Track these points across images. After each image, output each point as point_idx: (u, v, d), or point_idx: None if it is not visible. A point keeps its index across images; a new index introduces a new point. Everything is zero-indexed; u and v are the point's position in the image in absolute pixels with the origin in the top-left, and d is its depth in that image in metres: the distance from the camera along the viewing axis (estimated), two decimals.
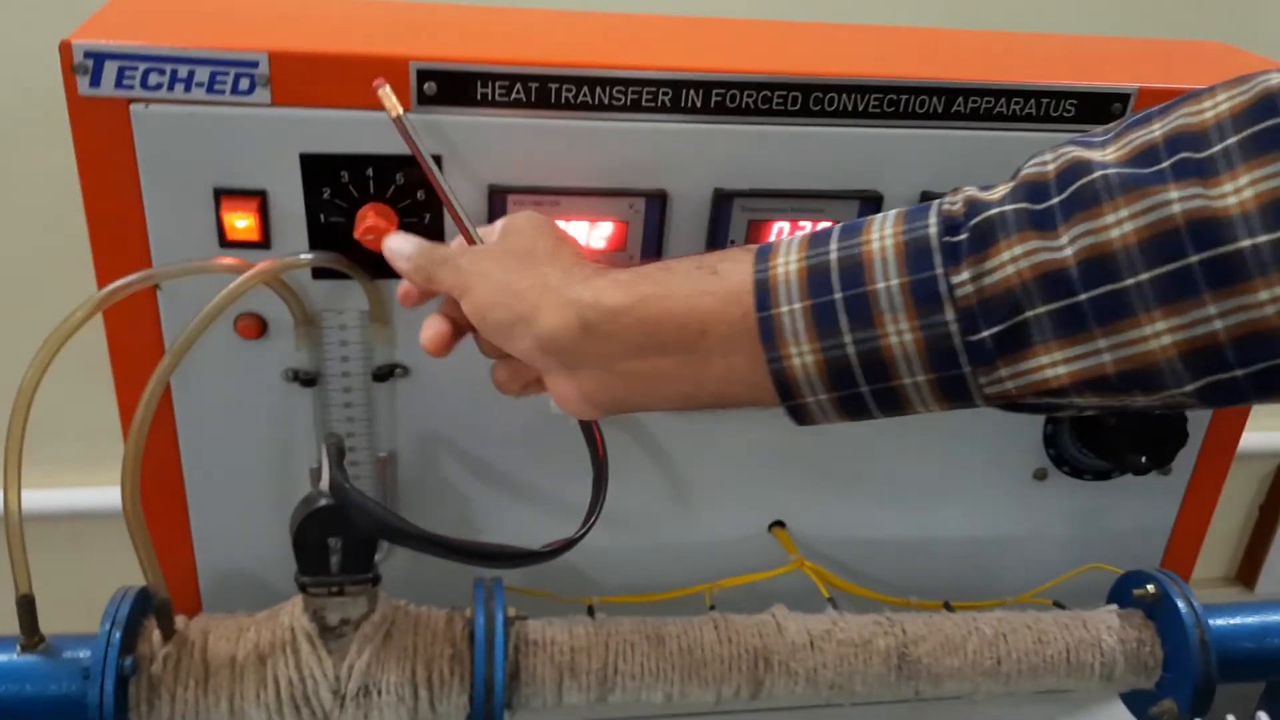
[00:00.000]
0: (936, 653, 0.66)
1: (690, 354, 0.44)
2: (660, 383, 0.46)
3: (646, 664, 0.63)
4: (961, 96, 0.63)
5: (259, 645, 0.60)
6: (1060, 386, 0.39)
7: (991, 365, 0.40)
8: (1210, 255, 0.35)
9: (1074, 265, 0.37)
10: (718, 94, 0.60)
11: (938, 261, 0.40)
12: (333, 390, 0.65)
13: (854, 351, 0.41)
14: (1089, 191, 0.37)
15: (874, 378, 0.41)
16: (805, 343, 0.42)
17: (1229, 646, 0.67)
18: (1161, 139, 0.37)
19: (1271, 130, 0.34)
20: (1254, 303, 0.34)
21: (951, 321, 0.40)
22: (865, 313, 0.41)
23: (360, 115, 0.58)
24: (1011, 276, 0.38)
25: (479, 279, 0.50)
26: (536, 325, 0.47)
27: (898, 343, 0.40)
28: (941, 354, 0.40)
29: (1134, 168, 0.37)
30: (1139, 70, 0.67)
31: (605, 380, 0.47)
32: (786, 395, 0.43)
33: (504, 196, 0.60)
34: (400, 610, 0.62)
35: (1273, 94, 0.35)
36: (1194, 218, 0.35)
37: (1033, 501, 0.79)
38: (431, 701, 0.61)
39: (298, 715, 0.59)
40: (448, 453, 0.69)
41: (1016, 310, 0.38)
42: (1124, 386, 0.38)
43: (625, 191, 0.62)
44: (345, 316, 0.63)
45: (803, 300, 0.42)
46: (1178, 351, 0.36)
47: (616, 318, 0.45)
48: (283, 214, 0.60)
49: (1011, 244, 0.38)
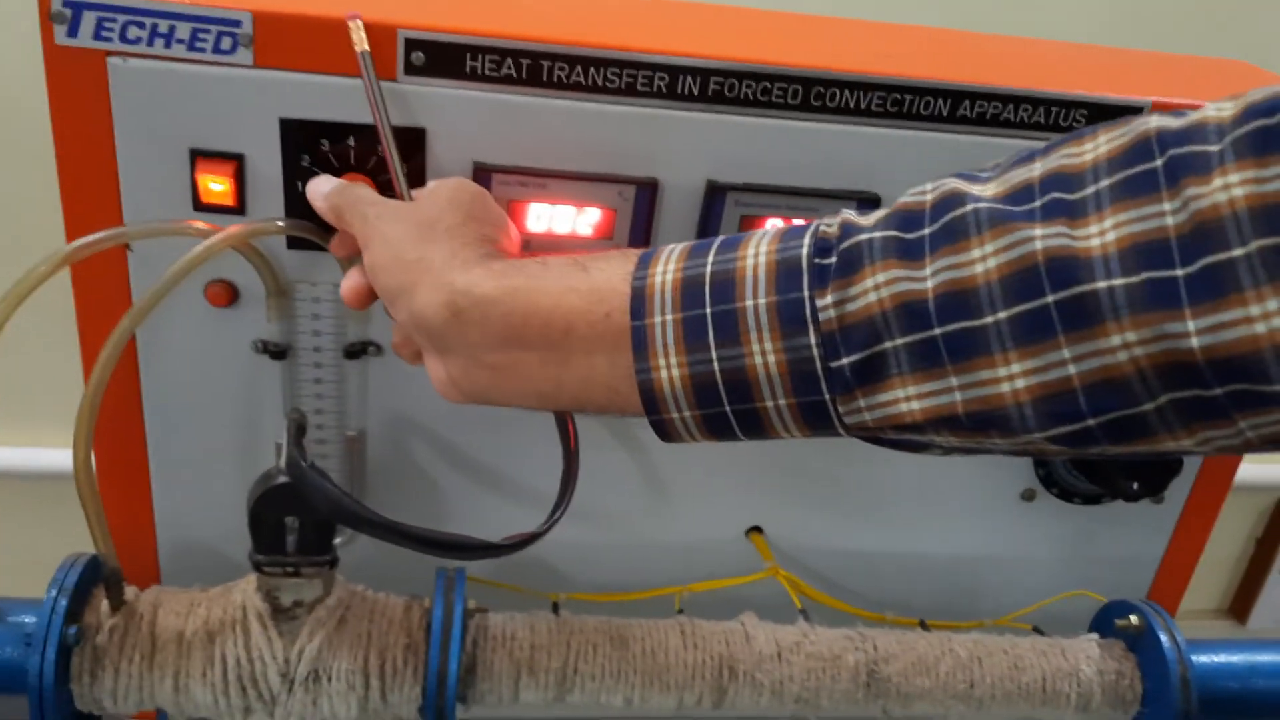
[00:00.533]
0: (907, 672, 0.64)
1: (552, 350, 0.44)
2: (522, 378, 0.45)
3: (608, 665, 0.61)
4: (968, 100, 0.61)
5: (209, 622, 0.58)
6: (914, 422, 0.38)
7: (850, 394, 0.39)
8: (1066, 295, 0.33)
9: (933, 298, 0.36)
10: (716, 82, 0.58)
11: (805, 283, 0.39)
12: (303, 364, 0.63)
13: (719, 369, 0.40)
14: (959, 225, 0.36)
15: (737, 398, 0.40)
16: (674, 355, 0.41)
17: (1211, 685, 0.65)
18: (1039, 178, 0.36)
19: (1142, 175, 0.33)
20: (1106, 347, 0.33)
21: (814, 345, 0.39)
22: (732, 330, 0.40)
23: (344, 82, 0.56)
24: (873, 305, 0.37)
25: (377, 238, 0.50)
26: (414, 301, 0.46)
27: (761, 363, 0.39)
28: (803, 378, 0.39)
29: (1007, 204, 0.36)
30: (1154, 84, 0.65)
31: (470, 369, 0.46)
32: (652, 409, 0.42)
33: (489, 175, 0.58)
34: (357, 596, 0.60)
35: (1149, 138, 0.34)
36: (1054, 256, 0.34)
37: (1018, 522, 0.76)
38: (383, 691, 0.59)
39: (244, 696, 0.58)
40: (418, 435, 0.67)
41: (876, 340, 0.38)
42: (975, 427, 0.37)
43: (615, 178, 0.60)
44: (319, 289, 0.61)
45: (675, 312, 0.41)
46: (1030, 396, 0.35)
47: (485, 307, 0.44)
48: (260, 180, 0.58)
49: (876, 271, 0.37)
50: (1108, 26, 0.97)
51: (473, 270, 0.46)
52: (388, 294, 0.49)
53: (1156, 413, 0.34)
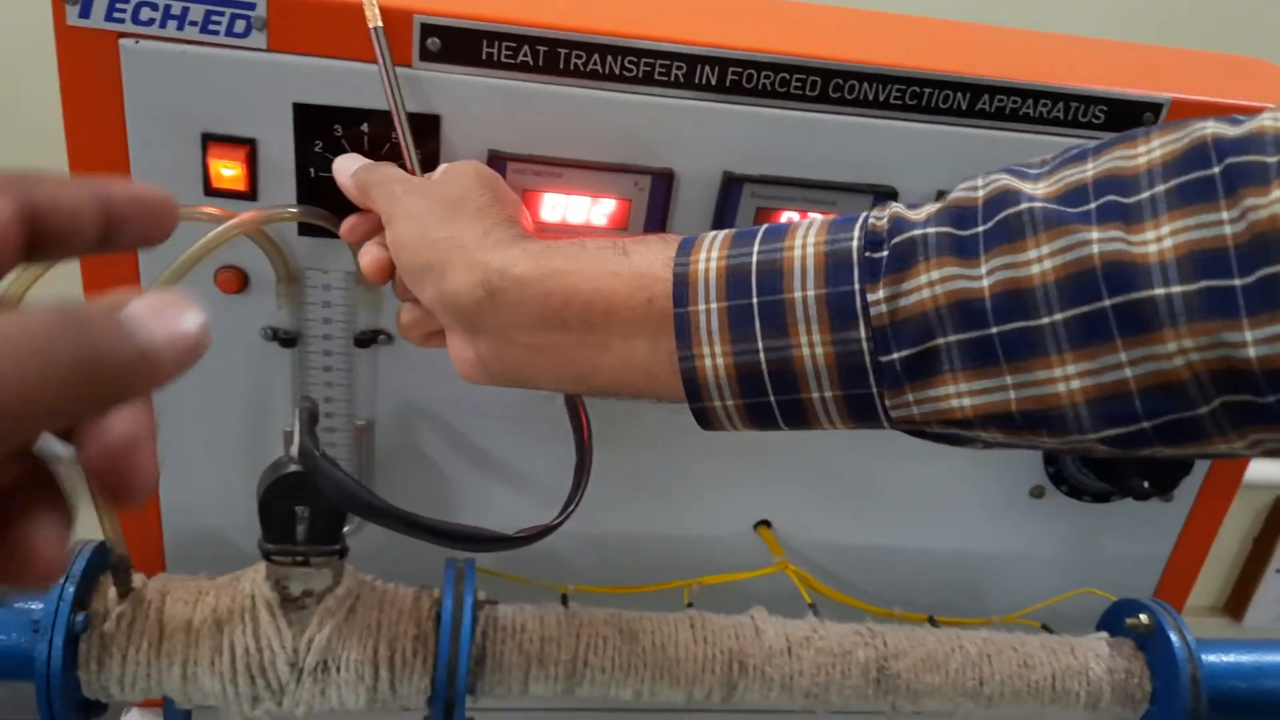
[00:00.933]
0: (917, 668, 0.64)
1: (591, 333, 0.43)
2: (557, 360, 0.45)
3: (618, 658, 0.61)
4: (987, 94, 0.60)
5: (217, 611, 0.58)
6: (965, 419, 0.38)
7: (899, 389, 0.39)
8: (1123, 300, 0.34)
9: (989, 297, 0.36)
10: (734, 72, 0.58)
11: (856, 276, 0.39)
12: (312, 352, 0.62)
13: (765, 360, 0.40)
14: (1014, 224, 0.36)
15: (782, 388, 0.40)
16: (718, 344, 0.41)
17: (1220, 685, 0.65)
18: (1092, 179, 0.36)
19: (1199, 181, 0.33)
20: (1163, 353, 0.33)
21: (863, 340, 0.38)
22: (780, 321, 0.40)
23: (359, 67, 0.55)
24: (926, 301, 0.37)
25: (403, 214, 0.49)
26: (444, 281, 0.45)
27: (809, 355, 0.39)
28: (851, 371, 0.39)
29: (1061, 205, 0.36)
30: (1174, 80, 0.64)
31: (502, 349, 0.45)
32: (694, 396, 0.42)
33: (504, 163, 0.58)
34: (366, 586, 0.60)
35: (1205, 144, 0.34)
36: (1111, 261, 0.34)
37: (1027, 519, 0.76)
38: (392, 682, 0.58)
39: (252, 685, 0.57)
40: (428, 425, 0.66)
41: (928, 336, 0.37)
42: (1028, 425, 0.37)
43: (631, 168, 0.59)
44: (330, 276, 0.61)
45: (720, 300, 0.41)
46: (1085, 398, 0.35)
47: (521, 288, 0.44)
48: (271, 165, 0.57)
49: (930, 268, 0.37)
50: (1123, 22, 0.96)
51: (508, 249, 0.45)
52: (412, 271, 0.48)
53: (1210, 416, 0.34)
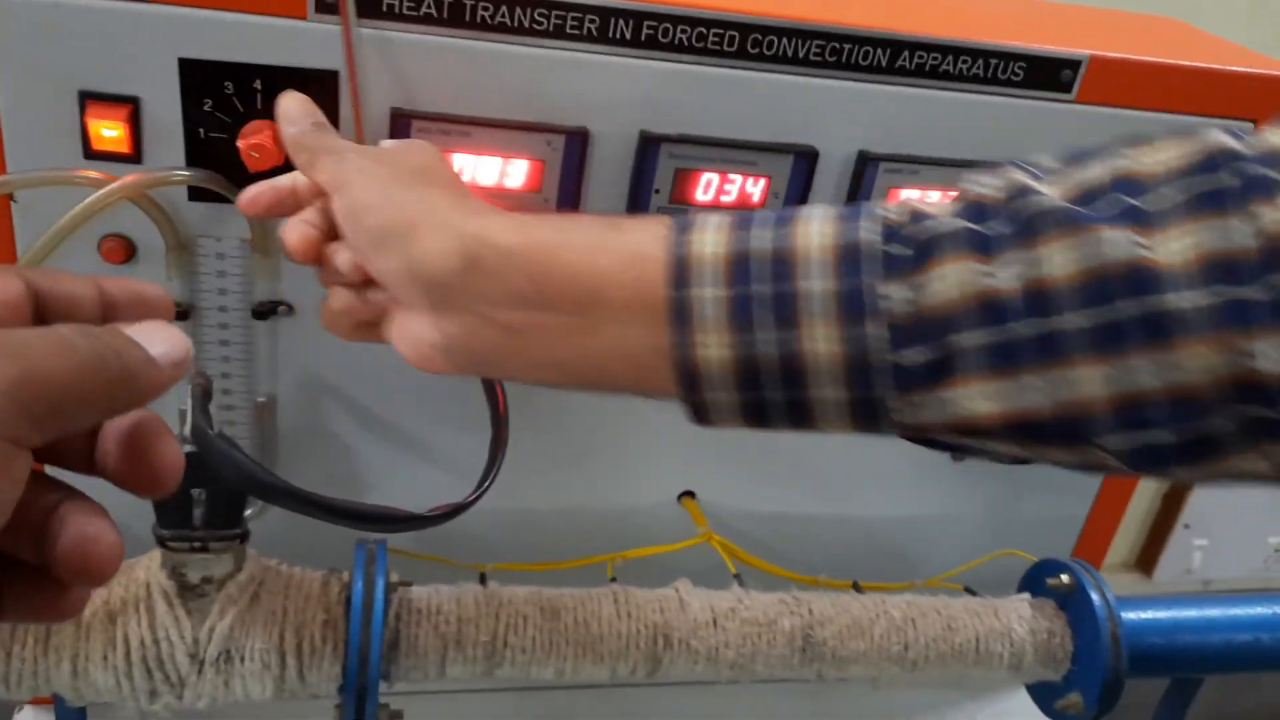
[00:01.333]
0: (842, 635, 0.63)
1: (578, 315, 0.40)
2: (538, 343, 0.41)
3: (538, 637, 0.59)
4: (907, 50, 0.59)
5: (109, 602, 0.54)
6: (983, 424, 0.36)
7: (911, 389, 0.37)
8: (1140, 306, 0.33)
9: (1011, 296, 0.35)
10: (649, 26, 0.56)
11: (873, 270, 0.36)
12: (207, 325, 0.59)
13: (769, 353, 0.37)
14: (1036, 223, 0.35)
15: (785, 384, 0.38)
16: (718, 333, 0.38)
17: (1139, 641, 0.65)
18: (1107, 181, 0.35)
19: (1213, 191, 0.33)
20: (1179, 362, 0.33)
21: (877, 337, 0.36)
22: (787, 313, 0.37)
23: (249, 20, 0.52)
24: (950, 298, 0.35)
25: (361, 176, 0.44)
26: (414, 246, 0.41)
27: (817, 351, 0.37)
28: (861, 370, 0.37)
29: (1078, 206, 0.35)
30: (1092, 38, 0.64)
31: (474, 327, 0.41)
32: (689, 388, 0.39)
33: (408, 121, 0.55)
34: (271, 570, 0.57)
35: (1216, 153, 0.33)
36: (1128, 265, 0.33)
37: (949, 483, 0.76)
38: (300, 670, 0.56)
39: (149, 679, 0.54)
40: (334, 400, 0.63)
41: (948, 334, 0.36)
42: (1047, 433, 0.36)
43: (543, 127, 0.57)
44: (224, 244, 0.57)
45: (723, 288, 0.38)
46: (1107, 405, 0.34)
47: (504, 257, 0.40)
48: (157, 125, 0.54)
49: (951, 263, 0.36)
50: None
51: (488, 216, 0.42)
52: (374, 237, 0.43)
53: (1226, 429, 0.33)
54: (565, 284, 0.40)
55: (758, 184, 0.61)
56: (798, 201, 0.61)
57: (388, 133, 0.55)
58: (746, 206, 0.61)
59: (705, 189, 0.60)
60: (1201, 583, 1.71)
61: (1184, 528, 1.64)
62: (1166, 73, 0.63)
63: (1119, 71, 0.62)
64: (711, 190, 0.60)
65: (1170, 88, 0.63)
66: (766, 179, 0.60)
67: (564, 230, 0.41)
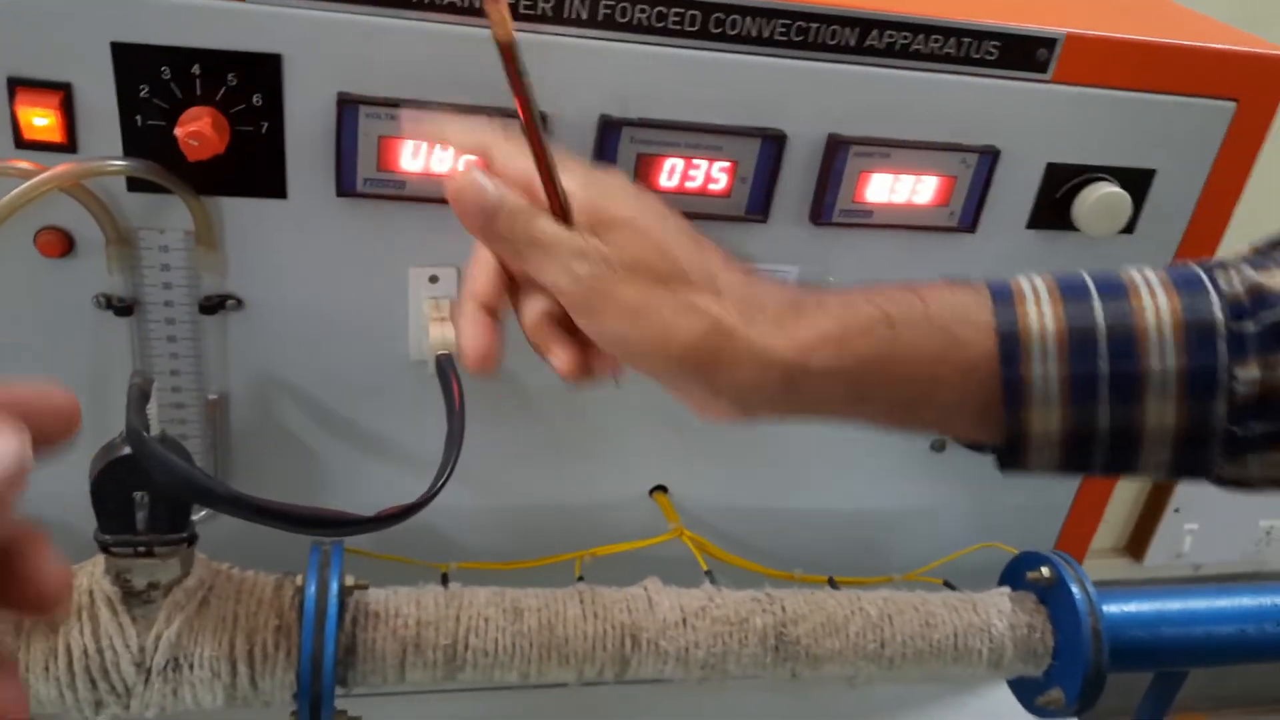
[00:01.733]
0: (817, 633, 0.61)
1: (905, 408, 0.41)
2: (857, 419, 0.42)
3: (501, 640, 0.57)
4: (876, 29, 0.57)
5: None
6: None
7: (1244, 454, 0.38)
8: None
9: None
10: (607, 5, 0.53)
11: (1222, 350, 0.37)
12: (153, 321, 0.57)
13: (1104, 426, 0.39)
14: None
15: (1116, 449, 0.39)
16: (1055, 409, 0.39)
17: (1121, 635, 0.63)
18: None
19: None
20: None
21: (1221, 415, 0.38)
22: (1131, 392, 0.38)
23: (186, 1, 0.49)
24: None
25: (604, 301, 0.39)
26: (720, 379, 0.40)
27: (1157, 425, 0.38)
28: (1196, 440, 0.38)
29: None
30: (1068, 16, 0.62)
31: (788, 415, 0.42)
32: (1013, 452, 0.40)
33: (355, 107, 0.53)
34: (222, 575, 0.55)
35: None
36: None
37: (929, 474, 0.74)
38: (253, 678, 0.54)
39: (94, 690, 0.52)
40: (287, 397, 0.61)
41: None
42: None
43: (498, 111, 0.55)
44: (167, 236, 0.55)
45: (1060, 365, 0.38)
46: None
47: (828, 378, 0.40)
48: (91, 113, 0.51)
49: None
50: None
51: (792, 333, 0.40)
52: (669, 373, 0.41)
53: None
54: (898, 391, 0.41)
55: (724, 169, 0.59)
56: (766, 187, 0.59)
57: (334, 117, 0.53)
58: (710, 195, 0.59)
59: (669, 175, 0.58)
60: (1192, 567, 1.70)
61: (1174, 512, 1.63)
62: (1146, 51, 0.61)
63: (1097, 50, 0.60)
64: (676, 176, 0.58)
65: (1150, 67, 0.61)
66: (733, 163, 0.58)
67: (889, 341, 0.40)
